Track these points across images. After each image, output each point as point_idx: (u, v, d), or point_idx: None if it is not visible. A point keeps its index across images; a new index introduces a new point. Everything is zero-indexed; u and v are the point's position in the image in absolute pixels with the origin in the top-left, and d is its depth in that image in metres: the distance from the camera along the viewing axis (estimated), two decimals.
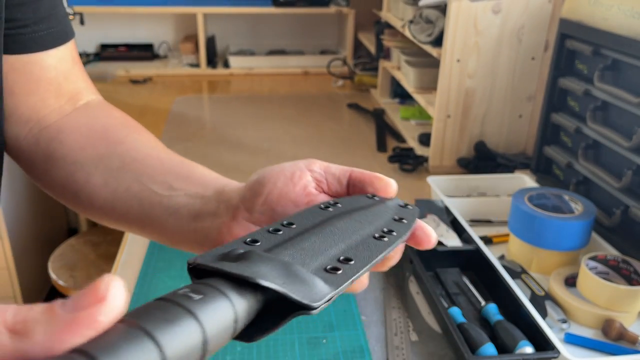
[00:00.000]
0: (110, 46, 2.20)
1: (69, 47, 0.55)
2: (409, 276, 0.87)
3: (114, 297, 0.20)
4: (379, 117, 1.60)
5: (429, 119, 1.48)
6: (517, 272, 0.86)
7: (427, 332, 0.76)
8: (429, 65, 1.38)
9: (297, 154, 1.33)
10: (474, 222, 1.02)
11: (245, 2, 2.07)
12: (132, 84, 1.96)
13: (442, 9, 1.20)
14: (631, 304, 0.75)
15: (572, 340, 0.73)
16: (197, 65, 2.10)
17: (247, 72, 2.11)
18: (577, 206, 0.88)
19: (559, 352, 0.65)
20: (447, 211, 0.96)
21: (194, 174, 0.48)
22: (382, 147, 1.42)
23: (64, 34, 0.54)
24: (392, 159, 1.31)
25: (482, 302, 0.78)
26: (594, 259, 0.81)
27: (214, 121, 1.64)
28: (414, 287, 0.85)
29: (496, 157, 1.22)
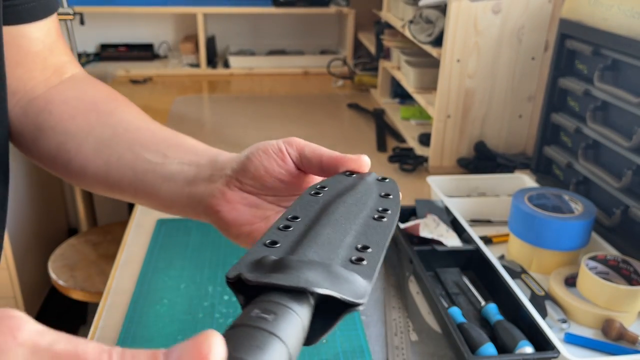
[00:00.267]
0: (110, 46, 2.20)
1: (54, 19, 0.55)
2: (408, 276, 0.87)
3: (216, 355, 0.21)
4: (379, 117, 1.60)
5: (429, 119, 1.48)
6: (517, 272, 0.86)
7: (427, 332, 0.76)
8: (429, 65, 1.38)
9: None
10: (474, 222, 1.02)
11: (245, 2, 2.07)
12: (132, 84, 1.96)
13: (442, 9, 1.20)
14: (631, 304, 0.75)
15: (572, 340, 0.73)
16: (197, 65, 2.10)
17: (247, 72, 2.11)
18: (577, 206, 0.88)
19: (558, 352, 0.65)
20: (447, 211, 0.96)
21: (186, 143, 0.51)
22: (382, 147, 1.42)
23: (50, 6, 0.54)
24: (392, 159, 1.31)
25: (482, 302, 0.78)
26: (593, 259, 0.81)
27: (214, 121, 1.64)
28: (414, 287, 0.85)
29: (496, 157, 1.22)
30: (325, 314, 0.29)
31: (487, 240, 0.96)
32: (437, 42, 1.22)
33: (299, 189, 0.46)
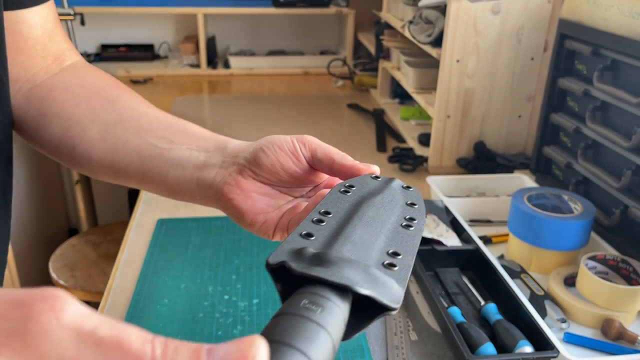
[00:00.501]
0: (110, 46, 2.20)
1: (51, 6, 0.56)
2: None
3: None
4: (378, 117, 1.60)
5: (429, 119, 1.48)
6: (517, 272, 0.86)
7: (427, 332, 0.76)
8: (429, 65, 1.38)
9: None
10: (474, 222, 1.02)
11: (245, 2, 2.07)
12: (133, 84, 1.96)
13: (442, 10, 1.20)
14: (630, 304, 0.75)
15: (572, 339, 0.73)
16: (197, 65, 2.10)
17: (247, 73, 2.12)
18: (577, 206, 0.88)
19: (558, 352, 0.65)
20: (446, 211, 0.96)
21: (192, 130, 0.51)
22: (382, 147, 1.42)
23: None
24: (392, 159, 1.32)
25: (482, 302, 0.78)
26: (593, 258, 0.81)
27: (214, 121, 1.64)
28: (413, 287, 0.85)
29: (496, 157, 1.22)
30: (358, 312, 0.30)
31: (487, 240, 0.96)
32: (437, 42, 1.22)
33: (310, 182, 0.48)
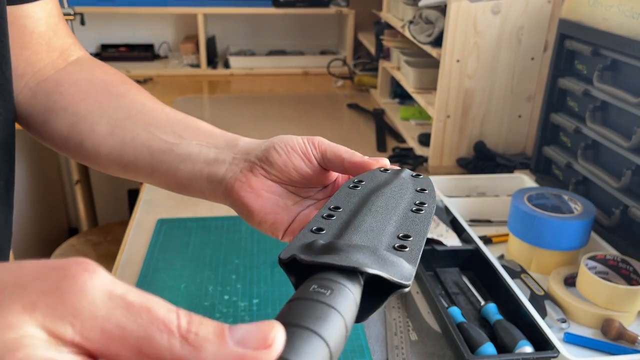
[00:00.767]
0: (110, 46, 2.20)
1: (54, 0, 0.56)
2: None
3: (277, 346, 0.22)
4: (378, 117, 1.60)
5: (429, 119, 1.48)
6: (517, 272, 0.86)
7: (427, 332, 0.76)
8: (429, 65, 1.38)
9: None
10: (474, 222, 1.02)
11: (245, 2, 2.07)
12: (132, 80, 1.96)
13: (442, 10, 1.20)
14: (630, 304, 0.75)
15: (572, 339, 0.73)
16: (197, 65, 2.10)
17: (247, 73, 2.12)
18: (577, 206, 0.88)
19: (558, 352, 0.65)
20: (446, 211, 0.96)
21: (201, 126, 0.52)
22: (382, 147, 1.42)
23: None
24: (392, 159, 1.32)
25: (482, 302, 0.78)
26: (593, 258, 0.81)
27: (214, 121, 1.63)
28: (413, 287, 0.85)
29: (496, 157, 1.22)
30: (372, 294, 0.30)
31: (487, 240, 0.96)
32: (437, 42, 1.22)
33: (320, 183, 0.49)
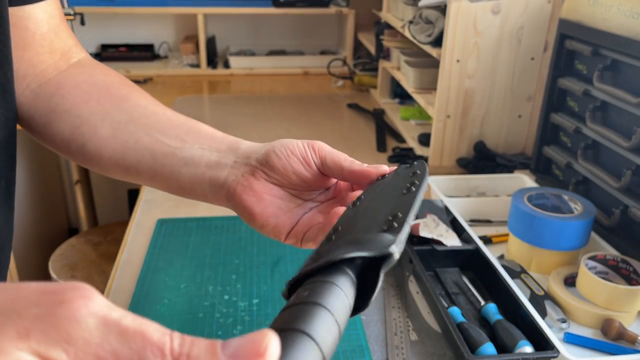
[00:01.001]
0: (110, 46, 2.20)
1: (55, 1, 0.56)
2: (408, 276, 0.87)
3: (272, 354, 0.22)
4: (378, 117, 1.60)
5: (429, 119, 1.48)
6: (517, 272, 0.86)
7: (427, 332, 0.76)
8: (429, 65, 1.38)
9: None
10: (474, 222, 1.02)
11: (245, 2, 2.07)
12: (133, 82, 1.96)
13: (442, 10, 1.20)
14: (630, 304, 0.75)
15: (572, 339, 0.73)
16: (197, 65, 2.10)
17: (247, 73, 2.12)
18: (577, 206, 0.88)
19: (558, 352, 0.65)
20: (446, 211, 0.96)
21: (203, 129, 0.52)
22: (382, 147, 1.42)
23: None
24: (392, 159, 1.32)
25: (482, 302, 0.78)
26: (593, 258, 0.81)
27: (214, 121, 1.64)
28: (413, 287, 0.85)
29: (496, 157, 1.22)
30: (371, 280, 0.31)
31: (487, 240, 0.96)
32: (437, 42, 1.22)
33: (320, 186, 0.49)
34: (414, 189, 0.39)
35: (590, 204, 0.88)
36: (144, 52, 2.18)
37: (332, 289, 0.27)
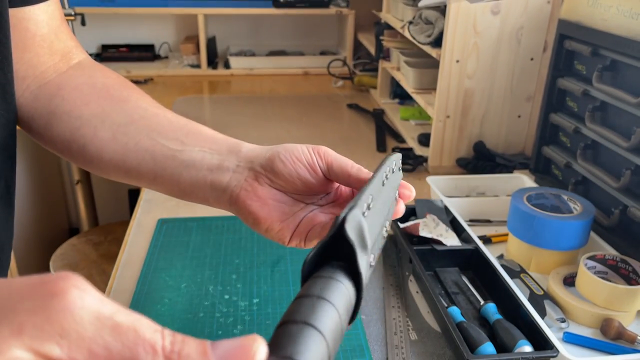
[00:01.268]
0: (111, 47, 2.20)
1: (56, 2, 0.56)
2: (408, 276, 0.87)
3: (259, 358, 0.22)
4: (378, 118, 1.61)
5: (429, 119, 1.48)
6: (516, 272, 0.86)
7: (427, 332, 0.76)
8: (429, 65, 1.38)
9: None
10: (473, 221, 1.02)
11: (245, 3, 2.07)
12: (133, 84, 1.96)
13: (442, 10, 1.20)
14: (630, 304, 0.75)
15: (571, 339, 0.73)
16: (197, 65, 2.11)
17: (247, 73, 2.12)
18: (576, 206, 0.88)
19: (557, 351, 0.66)
20: (446, 211, 0.96)
21: (204, 132, 0.52)
22: (381, 147, 1.42)
23: None
24: None
25: (481, 302, 0.78)
26: (592, 258, 0.82)
27: (214, 121, 1.64)
28: (413, 287, 0.85)
29: (495, 157, 1.22)
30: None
31: (486, 240, 0.97)
32: (437, 42, 1.22)
33: (324, 191, 0.49)
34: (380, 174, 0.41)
35: (589, 203, 0.88)
36: (144, 53, 2.18)
37: (337, 287, 0.28)
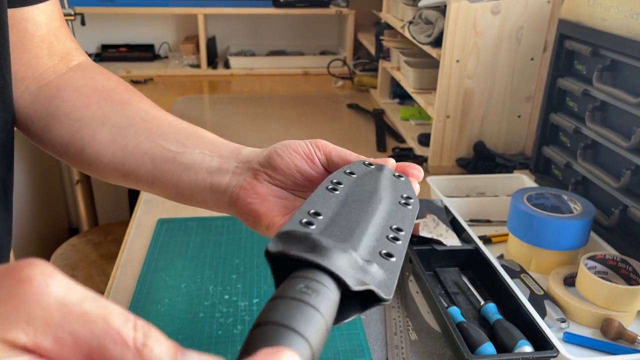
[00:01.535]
0: (111, 47, 2.20)
1: (55, 3, 0.55)
2: (408, 276, 0.87)
3: None
4: (378, 118, 1.60)
5: (429, 119, 1.48)
6: (516, 272, 0.86)
7: (427, 332, 0.76)
8: (429, 65, 1.38)
9: None
10: (473, 222, 1.02)
11: (245, 3, 2.07)
12: (133, 84, 1.96)
13: (442, 10, 1.20)
14: (630, 304, 0.75)
15: (571, 339, 0.73)
16: (197, 65, 2.11)
17: (247, 73, 2.12)
18: (576, 206, 0.88)
19: (557, 352, 0.66)
20: (446, 211, 0.96)
21: (204, 135, 0.51)
22: (381, 147, 1.42)
23: None
24: None
25: (481, 302, 0.78)
26: (592, 258, 0.82)
27: (214, 121, 1.64)
28: (413, 287, 0.85)
29: (495, 157, 1.22)
30: (349, 299, 0.31)
31: (486, 240, 0.97)
32: (437, 42, 1.22)
33: None
34: (409, 207, 0.40)
35: (589, 203, 0.88)
36: (144, 53, 2.18)
37: (331, 299, 0.28)
